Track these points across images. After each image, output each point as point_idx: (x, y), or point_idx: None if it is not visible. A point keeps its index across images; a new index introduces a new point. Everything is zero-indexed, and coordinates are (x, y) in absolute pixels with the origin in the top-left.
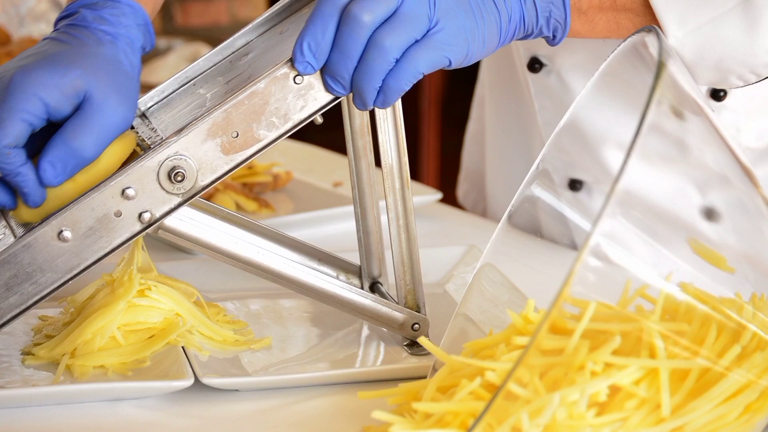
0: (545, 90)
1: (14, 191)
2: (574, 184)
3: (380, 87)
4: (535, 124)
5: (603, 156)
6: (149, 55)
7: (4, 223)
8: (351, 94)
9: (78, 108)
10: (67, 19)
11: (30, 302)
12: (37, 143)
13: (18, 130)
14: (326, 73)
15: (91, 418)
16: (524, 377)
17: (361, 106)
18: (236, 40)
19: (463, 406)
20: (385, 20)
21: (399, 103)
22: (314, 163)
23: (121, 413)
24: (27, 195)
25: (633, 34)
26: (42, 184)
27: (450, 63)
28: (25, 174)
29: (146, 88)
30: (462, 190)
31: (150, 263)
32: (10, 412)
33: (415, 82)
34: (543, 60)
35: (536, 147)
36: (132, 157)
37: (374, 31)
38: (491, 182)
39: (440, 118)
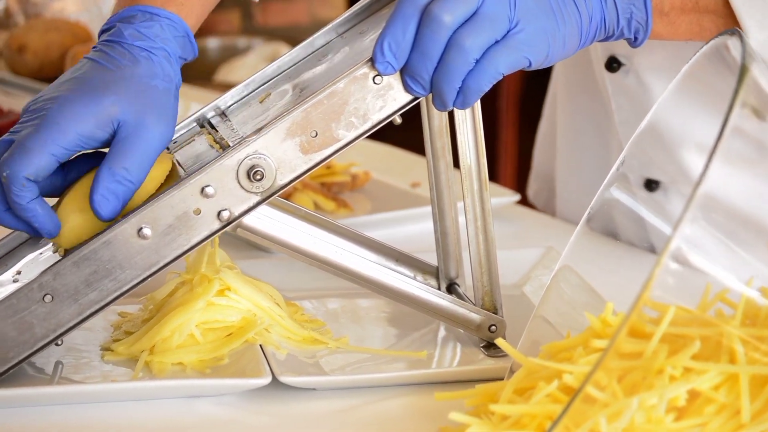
0: (623, 89)
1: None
2: (650, 184)
3: (460, 87)
4: (611, 124)
5: (681, 156)
6: (228, 55)
7: None
8: (430, 95)
9: (115, 134)
10: (107, 33)
11: (109, 299)
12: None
13: (43, 163)
14: (406, 73)
15: (169, 415)
16: (602, 380)
17: (441, 106)
18: (316, 40)
19: (541, 408)
20: (466, 21)
21: (478, 104)
22: (392, 164)
23: (199, 410)
24: (39, 229)
25: (716, 37)
26: (101, 217)
27: (530, 64)
28: (33, 210)
29: (226, 86)
30: (532, 190)
31: (230, 262)
32: (89, 407)
33: (494, 82)
34: (621, 59)
35: (612, 147)
36: (171, 178)
37: (454, 31)
38: (562, 181)
39: (518, 119)
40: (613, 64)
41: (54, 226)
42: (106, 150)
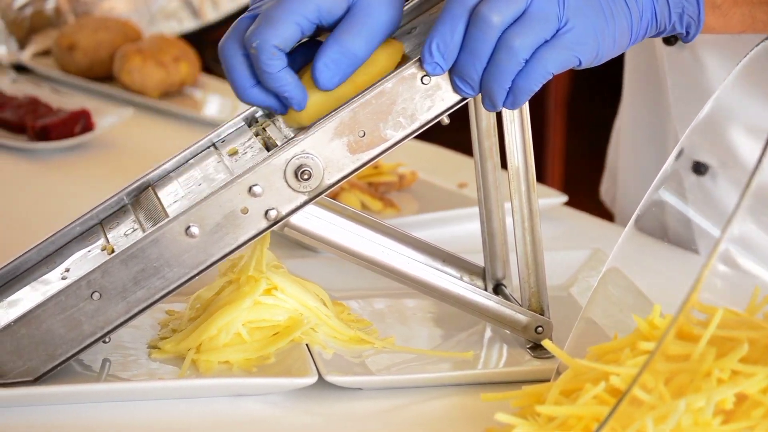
0: (678, 65)
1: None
2: (699, 168)
3: (510, 88)
4: (669, 111)
5: (731, 139)
6: None
7: (133, 217)
8: (479, 95)
9: (347, 12)
10: None
11: (157, 297)
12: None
13: (290, 32)
14: (455, 74)
15: (215, 413)
16: (649, 383)
17: (491, 107)
18: None
19: (587, 410)
20: (515, 21)
21: (526, 105)
22: (439, 164)
23: (245, 409)
24: (289, 99)
25: None
26: (319, 84)
27: (580, 63)
28: (283, 78)
29: None
30: (604, 188)
31: (276, 261)
32: (135, 404)
33: (544, 82)
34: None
35: (669, 131)
36: (401, 63)
37: (503, 31)
38: (623, 172)
39: (565, 120)
40: (670, 38)
41: (303, 95)
42: None
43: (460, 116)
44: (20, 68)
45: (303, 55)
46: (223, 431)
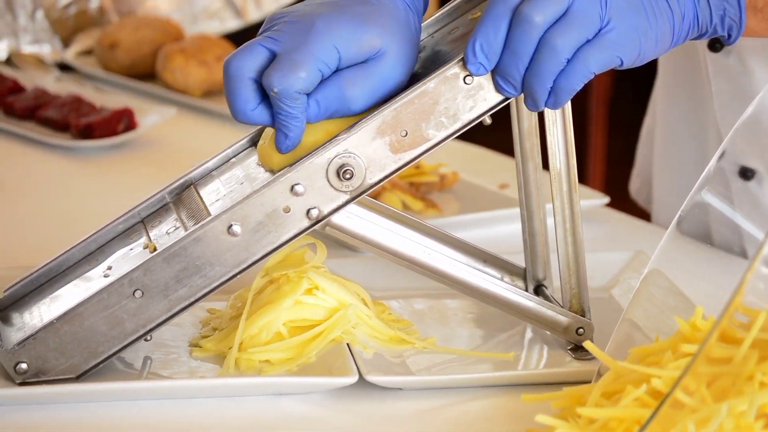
0: (724, 71)
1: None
2: (746, 173)
3: (552, 87)
4: (709, 113)
5: None
6: None
7: (175, 216)
8: (521, 95)
9: (364, 60)
10: None
11: (198, 295)
12: None
13: (312, 77)
14: (497, 74)
15: (256, 412)
16: (691, 386)
17: (533, 107)
18: None
19: (629, 412)
20: (557, 20)
21: (568, 105)
22: (481, 165)
23: (285, 408)
24: (288, 138)
25: None
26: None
27: (622, 63)
28: (300, 120)
29: None
30: (635, 186)
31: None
32: (176, 402)
33: (586, 82)
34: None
35: (710, 134)
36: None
37: (546, 31)
38: (658, 173)
39: (607, 120)
40: (716, 44)
41: (299, 138)
42: None
43: (501, 117)
44: (64, 67)
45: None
46: (263, 430)
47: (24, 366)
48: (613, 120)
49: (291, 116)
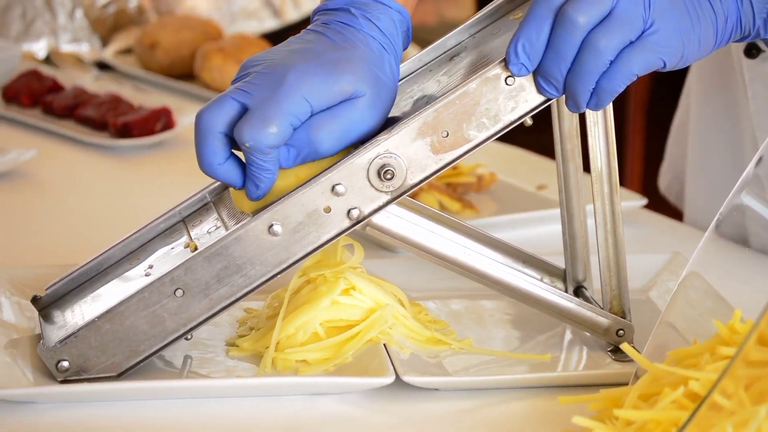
0: (761, 77)
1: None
2: None
3: (594, 89)
4: (744, 116)
5: None
6: None
7: (216, 215)
8: (563, 96)
9: (335, 105)
10: (332, 13)
11: (239, 294)
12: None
13: (284, 132)
14: (539, 75)
15: (292, 412)
16: (729, 388)
17: (574, 108)
18: (448, 40)
19: (666, 414)
20: (600, 22)
21: (610, 107)
22: (518, 165)
23: (322, 408)
24: (258, 189)
25: None
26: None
27: (664, 65)
28: (272, 172)
29: None
30: (665, 181)
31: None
32: (213, 401)
33: (628, 83)
34: (761, 46)
35: (745, 137)
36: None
37: (589, 32)
38: (692, 177)
39: (645, 122)
40: (752, 50)
41: (267, 190)
42: None
43: (540, 118)
44: (102, 66)
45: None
46: (299, 429)
47: (65, 364)
48: (650, 121)
49: (263, 169)
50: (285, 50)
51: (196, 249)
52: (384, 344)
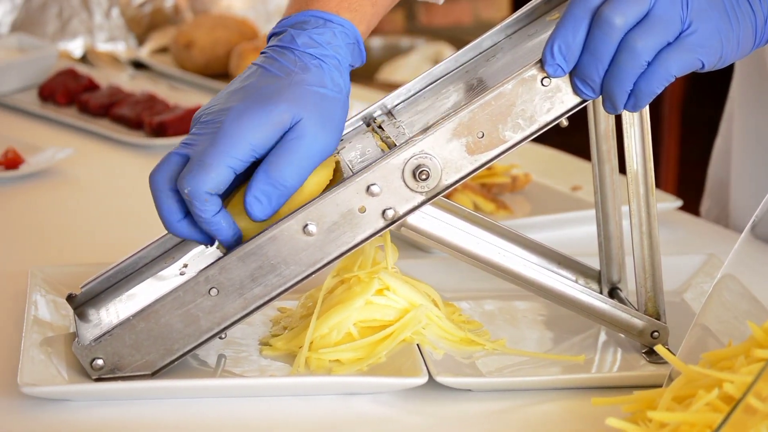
0: None
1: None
2: None
3: (631, 90)
4: None
5: None
6: (391, 54)
7: None
8: (599, 98)
9: (281, 138)
10: (276, 37)
11: (273, 294)
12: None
13: (222, 176)
14: (576, 76)
15: (326, 411)
16: (764, 391)
17: (612, 109)
18: (484, 41)
19: (700, 417)
20: (637, 23)
21: (646, 108)
22: (553, 166)
23: (355, 407)
24: (221, 239)
25: None
26: (253, 217)
27: (703, 66)
28: (217, 223)
29: (388, 86)
30: (705, 207)
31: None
32: (246, 401)
33: (666, 85)
34: None
35: None
36: (334, 181)
37: (626, 33)
38: (736, 193)
39: (680, 124)
40: None
41: (234, 234)
42: None
43: (574, 119)
44: (138, 65)
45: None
46: (333, 429)
47: (100, 362)
48: (685, 122)
49: (206, 221)
50: (226, 93)
51: (224, 252)
52: (417, 345)
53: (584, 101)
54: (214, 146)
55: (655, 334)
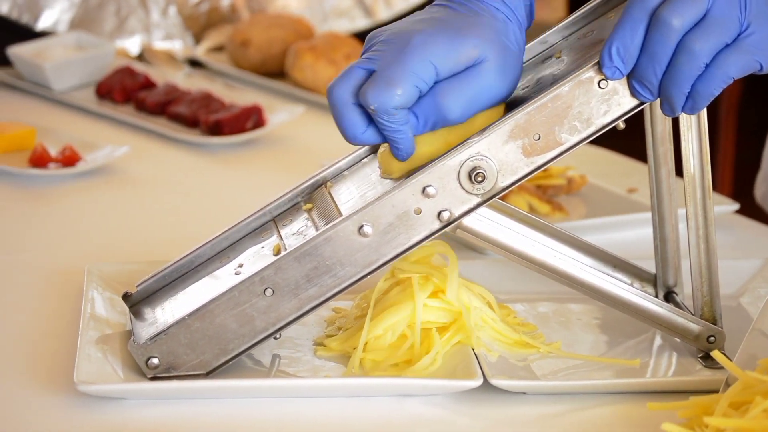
0: None
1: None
2: None
3: (689, 92)
4: None
5: None
6: None
7: (306, 215)
8: (657, 100)
9: (460, 72)
10: None
11: (328, 294)
12: None
13: (409, 94)
14: (634, 78)
15: (379, 413)
16: None
17: (670, 112)
18: (542, 42)
19: (757, 424)
20: (695, 24)
21: (704, 111)
22: (609, 168)
23: (409, 409)
24: (399, 150)
25: None
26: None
27: (761, 68)
28: (404, 132)
29: None
30: (761, 191)
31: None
32: (299, 401)
33: (724, 87)
34: None
35: None
36: None
37: (684, 35)
38: None
39: (737, 127)
40: None
41: (412, 150)
42: None
43: (631, 121)
44: (194, 63)
45: None
46: (386, 431)
47: (155, 361)
48: (741, 125)
49: (392, 130)
50: (410, 20)
51: (279, 252)
52: (472, 347)
53: (642, 104)
54: (401, 63)
55: (712, 338)
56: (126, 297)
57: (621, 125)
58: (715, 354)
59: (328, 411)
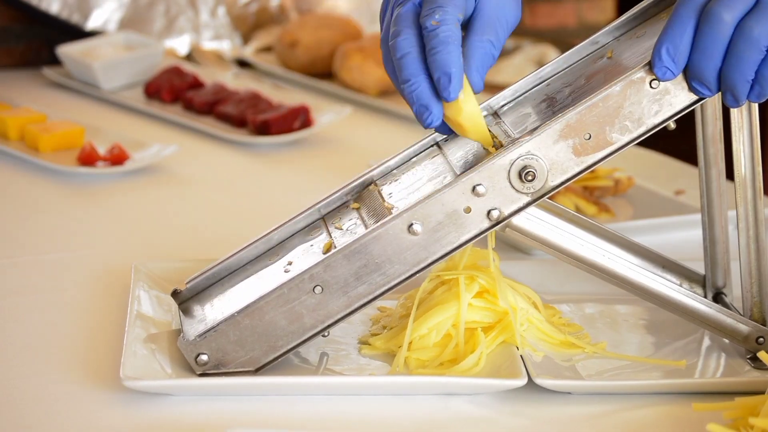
0: None
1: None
2: None
3: (754, 79)
4: None
5: None
6: None
7: (356, 214)
8: (706, 100)
9: (474, 11)
10: None
11: (377, 292)
12: None
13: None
14: (690, 76)
15: (424, 411)
16: None
17: (734, 102)
18: (593, 42)
19: None
20: (748, 11)
21: (756, 111)
22: (656, 170)
23: (453, 408)
24: (450, 80)
25: None
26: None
27: None
28: (453, 52)
29: (493, 87)
30: None
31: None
32: (344, 398)
33: None
34: None
35: None
36: None
37: (740, 23)
38: None
39: None
40: None
41: (460, 85)
42: None
43: (681, 122)
44: (243, 63)
45: None
46: (431, 429)
47: (205, 357)
48: None
49: (444, 46)
50: None
51: (328, 250)
52: (517, 347)
53: (696, 102)
54: None
55: (761, 339)
56: (175, 294)
57: (672, 125)
58: (762, 355)
59: (373, 409)
